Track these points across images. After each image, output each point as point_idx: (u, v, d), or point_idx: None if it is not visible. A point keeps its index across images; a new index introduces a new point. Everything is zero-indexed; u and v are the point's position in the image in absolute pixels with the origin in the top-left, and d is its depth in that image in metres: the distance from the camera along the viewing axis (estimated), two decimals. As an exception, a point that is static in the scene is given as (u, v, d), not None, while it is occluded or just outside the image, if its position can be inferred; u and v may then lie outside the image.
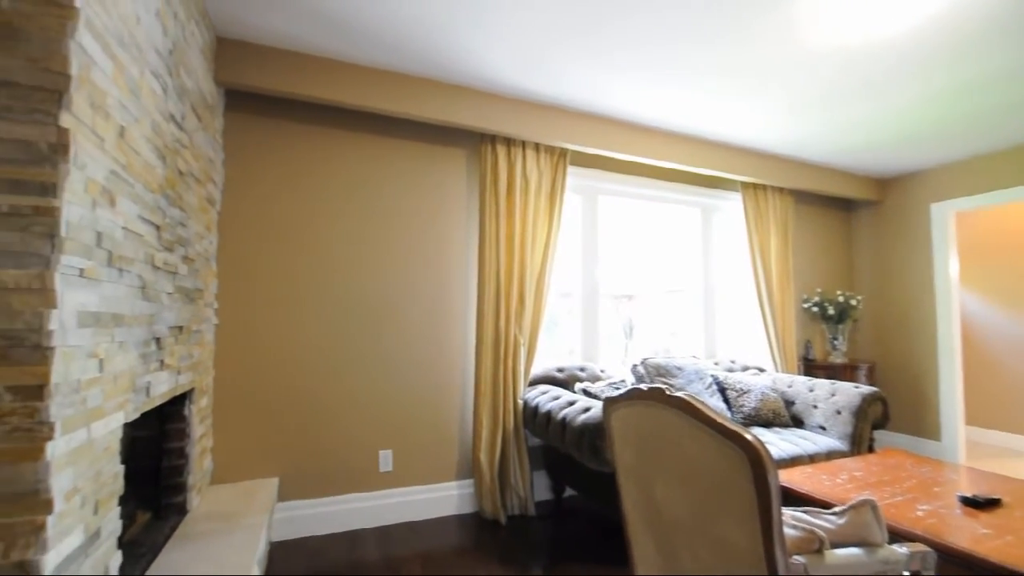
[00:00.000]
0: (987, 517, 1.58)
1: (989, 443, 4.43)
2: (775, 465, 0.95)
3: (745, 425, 3.02)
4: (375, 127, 2.78)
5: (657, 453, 1.20)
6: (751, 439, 0.97)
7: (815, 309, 4.18)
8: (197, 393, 2.10)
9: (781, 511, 0.97)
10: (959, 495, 1.72)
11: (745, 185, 3.82)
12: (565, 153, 3.10)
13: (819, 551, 1.17)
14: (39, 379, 1.00)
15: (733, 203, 3.93)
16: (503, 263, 2.87)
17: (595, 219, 3.45)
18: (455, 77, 2.67)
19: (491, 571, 2.23)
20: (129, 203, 1.34)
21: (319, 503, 2.57)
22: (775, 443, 2.69)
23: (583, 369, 3.11)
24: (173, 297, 1.74)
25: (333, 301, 2.66)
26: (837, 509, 1.28)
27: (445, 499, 2.83)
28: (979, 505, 1.65)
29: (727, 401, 3.14)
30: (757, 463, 0.94)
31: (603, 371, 3.17)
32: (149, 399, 1.55)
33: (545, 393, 2.75)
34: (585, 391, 2.81)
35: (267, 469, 2.50)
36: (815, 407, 3.04)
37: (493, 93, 2.84)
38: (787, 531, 1.17)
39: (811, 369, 4.10)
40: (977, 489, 1.81)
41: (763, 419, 3.03)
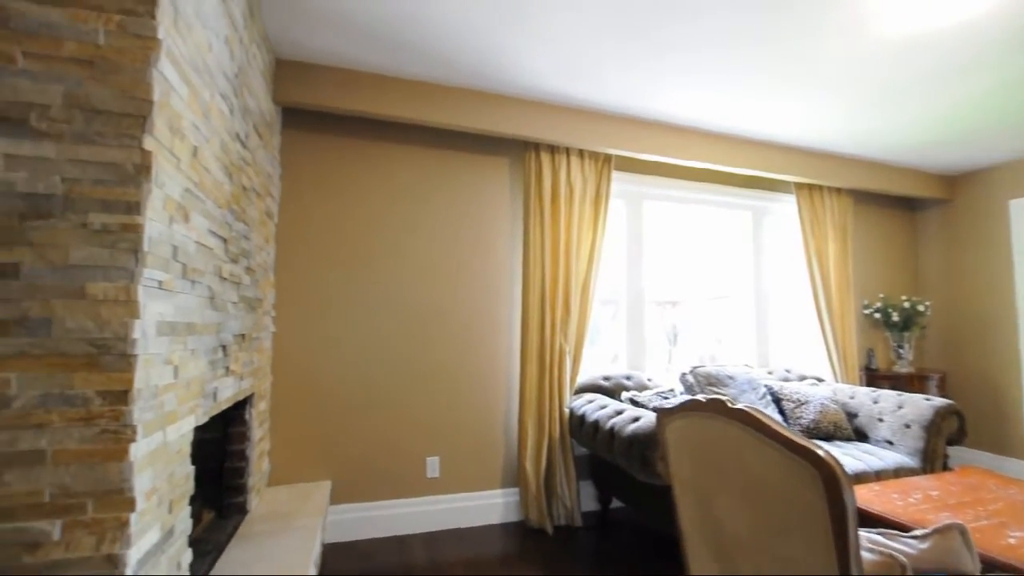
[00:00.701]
0: (1090, 547, 1.42)
1: (1083, 463, 4.02)
2: (851, 483, 0.90)
3: (803, 438, 2.86)
4: (421, 139, 2.85)
5: (718, 467, 1.15)
6: (823, 455, 0.92)
7: (877, 315, 3.94)
8: (256, 398, 2.20)
9: (858, 533, 0.91)
10: (1055, 521, 1.57)
11: (799, 186, 3.66)
12: (610, 159, 3.07)
13: (899, 577, 1.10)
14: (124, 384, 1.07)
15: (786, 205, 3.77)
16: (548, 271, 2.86)
17: (640, 224, 3.39)
18: (499, 87, 2.70)
19: (539, 582, 2.21)
20: (201, 218, 1.42)
21: (369, 507, 2.63)
22: (838, 458, 2.54)
23: (629, 378, 3.05)
24: (237, 306, 1.83)
25: (382, 309, 2.72)
26: (918, 532, 1.19)
27: (490, 507, 2.84)
28: (1080, 533, 1.49)
29: (783, 412, 3.00)
30: (831, 481, 0.89)
31: (650, 380, 3.10)
32: (216, 403, 1.63)
33: (592, 402, 2.71)
34: (632, 400, 2.75)
35: (320, 472, 2.58)
36: (880, 420, 2.86)
37: (537, 101, 2.85)
38: (863, 555, 1.10)
39: (874, 379, 3.86)
40: (1076, 515, 1.64)
41: (823, 432, 2.88)
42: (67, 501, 1.04)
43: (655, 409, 2.56)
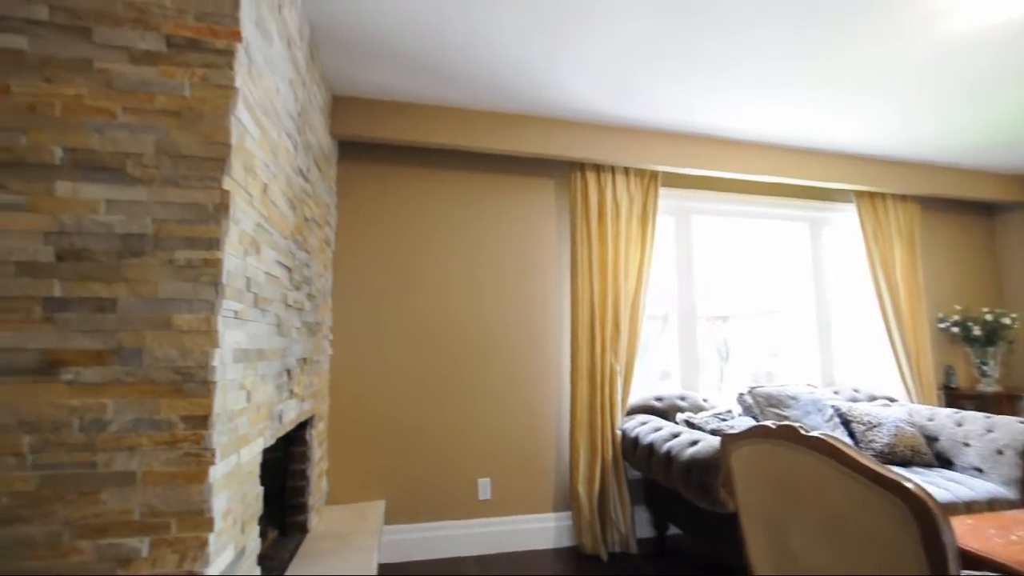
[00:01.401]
0: None
1: None
2: (949, 521, 0.83)
3: (878, 464, 2.66)
4: (468, 164, 2.92)
5: (793, 499, 1.09)
6: (914, 489, 0.85)
7: (955, 329, 3.65)
8: (316, 419, 2.27)
9: (960, 577, 0.83)
10: None
11: (859, 194, 3.48)
12: (656, 175, 3.04)
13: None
14: (205, 410, 1.14)
15: (846, 214, 3.59)
16: (596, 289, 2.83)
17: (689, 240, 3.32)
18: (545, 110, 2.74)
19: (596, 611, 2.14)
20: (269, 250, 1.51)
21: (421, 528, 2.65)
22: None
23: (683, 398, 2.95)
24: (300, 331, 1.92)
25: (432, 330, 2.78)
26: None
27: (542, 531, 2.79)
28: None
29: (852, 436, 2.80)
30: (926, 519, 0.82)
31: (705, 400, 2.99)
32: (281, 425, 1.70)
33: (645, 424, 2.64)
34: (688, 422, 2.65)
35: (375, 492, 2.62)
36: (966, 444, 2.62)
37: (582, 122, 2.87)
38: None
39: (955, 399, 3.56)
40: None
41: (899, 457, 2.67)
42: (154, 520, 1.10)
43: (714, 432, 2.46)
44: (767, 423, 1.16)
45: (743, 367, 3.51)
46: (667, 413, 2.85)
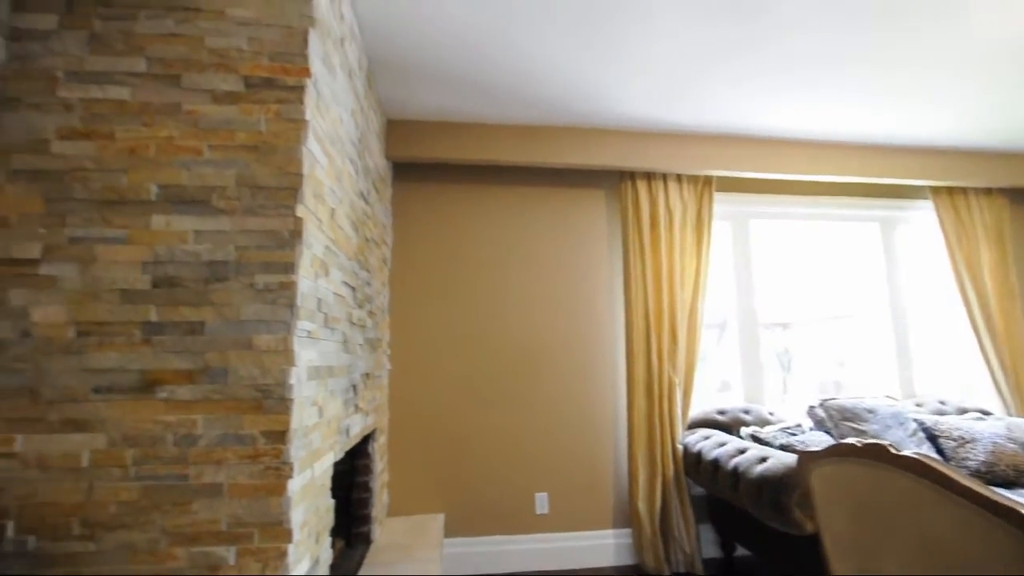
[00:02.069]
0: None
1: None
2: (1079, 556, 0.74)
3: (973, 484, 2.43)
4: (519, 179, 2.95)
5: (884, 523, 1.01)
6: (1034, 518, 0.77)
7: (1058, 334, 3.29)
8: (378, 432, 2.34)
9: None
10: None
11: (936, 190, 3.23)
12: (710, 181, 2.95)
13: None
14: (283, 425, 1.20)
15: (922, 212, 3.34)
16: (651, 299, 2.77)
17: (747, 245, 3.19)
18: (594, 120, 2.74)
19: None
20: (336, 271, 1.58)
21: (480, 541, 2.65)
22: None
23: (748, 411, 2.82)
24: (363, 348, 1.99)
25: (486, 343, 2.80)
26: None
27: (602, 547, 2.72)
28: None
29: (941, 452, 2.57)
30: (1050, 551, 0.74)
31: (771, 413, 2.84)
32: (348, 439, 1.77)
33: (708, 438, 2.54)
34: (755, 436, 2.53)
35: (434, 505, 2.66)
36: (1081, 464, 2.34)
37: (631, 130, 2.84)
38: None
39: (1062, 412, 3.20)
40: None
41: (999, 477, 2.42)
42: (239, 530, 1.17)
43: (784, 448, 2.34)
44: (852, 440, 1.09)
45: (808, 377, 3.32)
46: (731, 427, 2.73)
